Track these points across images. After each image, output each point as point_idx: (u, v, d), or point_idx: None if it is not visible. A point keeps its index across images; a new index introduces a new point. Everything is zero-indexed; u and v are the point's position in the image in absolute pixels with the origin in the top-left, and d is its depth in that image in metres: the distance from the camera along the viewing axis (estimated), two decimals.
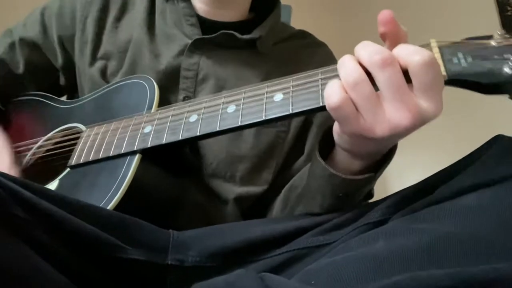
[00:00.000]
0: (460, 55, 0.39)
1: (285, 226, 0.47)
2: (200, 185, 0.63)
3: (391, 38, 0.41)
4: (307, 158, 0.66)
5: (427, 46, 0.41)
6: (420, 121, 0.37)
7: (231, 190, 0.63)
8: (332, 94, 0.39)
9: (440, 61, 0.39)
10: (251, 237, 0.46)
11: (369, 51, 0.38)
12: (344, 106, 0.38)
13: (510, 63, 0.37)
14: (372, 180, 0.47)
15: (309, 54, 0.72)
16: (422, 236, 0.34)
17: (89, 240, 0.40)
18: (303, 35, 0.77)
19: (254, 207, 0.65)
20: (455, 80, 0.38)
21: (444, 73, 0.38)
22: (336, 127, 0.44)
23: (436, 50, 0.40)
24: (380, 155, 0.46)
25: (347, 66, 0.39)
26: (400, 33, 0.41)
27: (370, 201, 0.55)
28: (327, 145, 0.49)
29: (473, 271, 0.29)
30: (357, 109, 0.38)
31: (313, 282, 0.36)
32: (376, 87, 0.38)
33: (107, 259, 0.41)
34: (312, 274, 0.38)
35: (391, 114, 0.37)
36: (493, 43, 0.39)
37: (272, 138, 0.64)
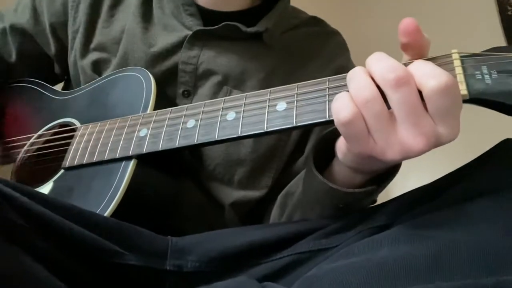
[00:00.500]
0: (484, 69, 0.35)
1: (286, 229, 0.46)
2: (199, 187, 0.60)
3: (414, 49, 0.37)
4: (306, 160, 0.63)
5: (447, 57, 0.37)
6: (434, 145, 0.34)
7: (229, 193, 0.60)
8: (342, 108, 0.35)
9: (461, 77, 0.35)
10: (252, 241, 0.45)
11: (382, 67, 0.34)
12: (356, 123, 0.34)
13: None
14: (374, 192, 0.45)
15: (319, 44, 0.67)
16: (427, 244, 0.33)
17: (86, 245, 0.40)
18: (314, 22, 0.71)
19: (252, 213, 0.63)
20: (477, 100, 0.35)
21: (465, 91, 0.34)
22: (341, 145, 0.41)
23: (457, 63, 0.36)
24: (384, 170, 0.44)
25: (358, 80, 0.35)
26: (424, 43, 0.37)
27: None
28: (323, 151, 0.46)
29: (482, 283, 0.28)
30: (367, 128, 0.35)
31: None
32: (388, 106, 0.35)
33: (105, 265, 0.41)
34: (314, 280, 0.37)
35: (403, 138, 0.34)
36: None
37: (273, 142, 0.61)
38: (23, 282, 0.33)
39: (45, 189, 0.55)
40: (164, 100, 0.58)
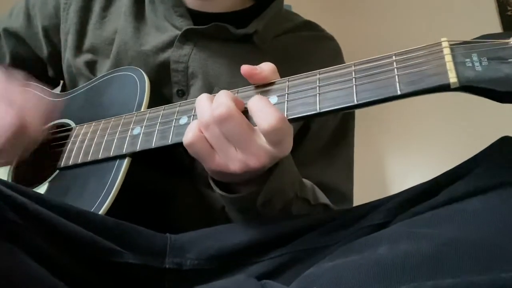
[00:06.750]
0: (475, 56, 0.35)
1: (284, 227, 0.46)
2: (193, 188, 0.61)
3: (257, 82, 0.45)
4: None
5: (437, 46, 0.36)
6: (269, 162, 0.41)
7: (216, 197, 0.59)
8: (188, 132, 0.42)
9: (451, 64, 0.35)
10: (251, 238, 0.45)
11: (211, 107, 0.41)
12: (196, 144, 0.42)
13: None
14: (257, 193, 0.45)
15: (313, 48, 0.66)
16: (426, 242, 0.33)
17: (84, 244, 0.40)
18: (309, 27, 0.70)
19: None
20: (468, 87, 0.34)
21: (455, 79, 0.34)
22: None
23: (447, 51, 0.36)
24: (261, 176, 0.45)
25: (201, 106, 0.42)
26: (262, 77, 0.45)
27: (370, 200, 0.52)
28: None
29: (480, 280, 0.28)
30: (212, 147, 0.42)
31: (314, 287, 0.35)
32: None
33: (103, 264, 0.41)
34: (313, 278, 0.37)
35: (240, 157, 0.41)
36: None
37: None
38: (22, 281, 0.33)
39: (41, 189, 0.55)
40: (161, 100, 0.58)
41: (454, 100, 1.45)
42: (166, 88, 0.61)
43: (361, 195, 0.68)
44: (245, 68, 0.43)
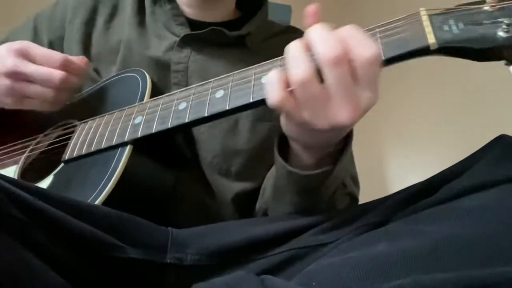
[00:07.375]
0: (452, 22, 0.37)
1: (285, 224, 0.46)
2: (198, 179, 0.62)
3: None
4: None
5: (415, 15, 0.39)
6: (360, 116, 0.38)
7: (229, 186, 0.62)
8: (272, 93, 0.38)
9: (430, 29, 0.37)
10: (251, 236, 0.45)
11: (324, 44, 0.37)
12: (284, 105, 0.38)
13: (504, 27, 0.35)
14: (330, 174, 0.45)
15: None
16: (424, 239, 0.34)
17: (86, 240, 0.40)
18: (293, 30, 0.77)
19: (251, 206, 0.64)
20: (446, 48, 0.37)
21: (433, 40, 0.36)
22: (282, 117, 0.44)
23: (425, 18, 0.38)
24: (332, 147, 0.45)
25: (296, 62, 0.38)
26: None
27: (370, 200, 0.53)
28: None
29: (477, 274, 0.29)
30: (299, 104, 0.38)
31: (314, 283, 0.35)
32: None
33: (105, 259, 0.41)
34: (312, 275, 0.37)
35: (334, 112, 0.37)
36: (486, 7, 0.37)
37: (268, 132, 0.63)
38: (23, 277, 0.34)
39: (46, 182, 0.56)
40: None
41: (454, 100, 1.47)
42: (166, 91, 0.63)
43: (361, 195, 0.69)
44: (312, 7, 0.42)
